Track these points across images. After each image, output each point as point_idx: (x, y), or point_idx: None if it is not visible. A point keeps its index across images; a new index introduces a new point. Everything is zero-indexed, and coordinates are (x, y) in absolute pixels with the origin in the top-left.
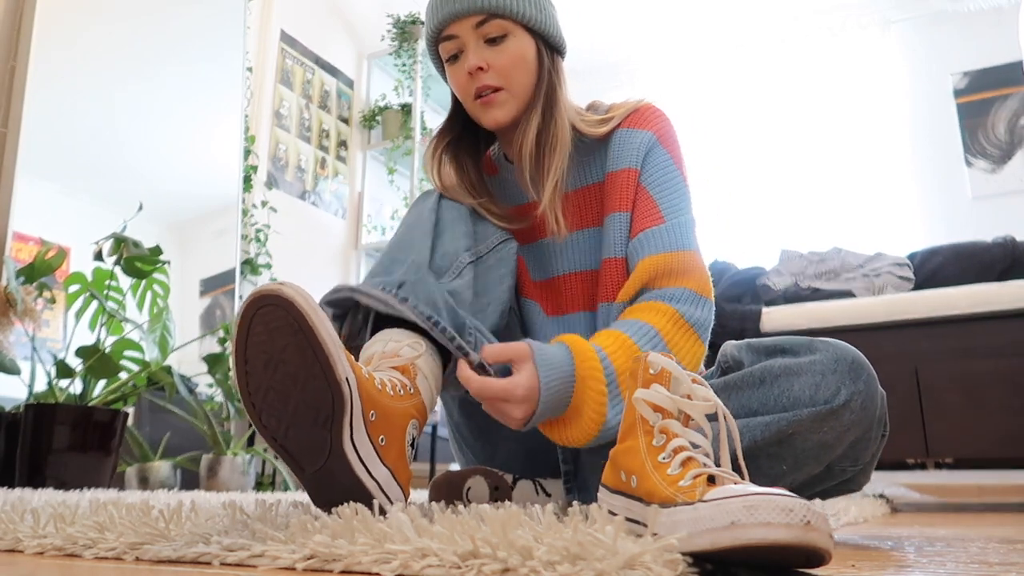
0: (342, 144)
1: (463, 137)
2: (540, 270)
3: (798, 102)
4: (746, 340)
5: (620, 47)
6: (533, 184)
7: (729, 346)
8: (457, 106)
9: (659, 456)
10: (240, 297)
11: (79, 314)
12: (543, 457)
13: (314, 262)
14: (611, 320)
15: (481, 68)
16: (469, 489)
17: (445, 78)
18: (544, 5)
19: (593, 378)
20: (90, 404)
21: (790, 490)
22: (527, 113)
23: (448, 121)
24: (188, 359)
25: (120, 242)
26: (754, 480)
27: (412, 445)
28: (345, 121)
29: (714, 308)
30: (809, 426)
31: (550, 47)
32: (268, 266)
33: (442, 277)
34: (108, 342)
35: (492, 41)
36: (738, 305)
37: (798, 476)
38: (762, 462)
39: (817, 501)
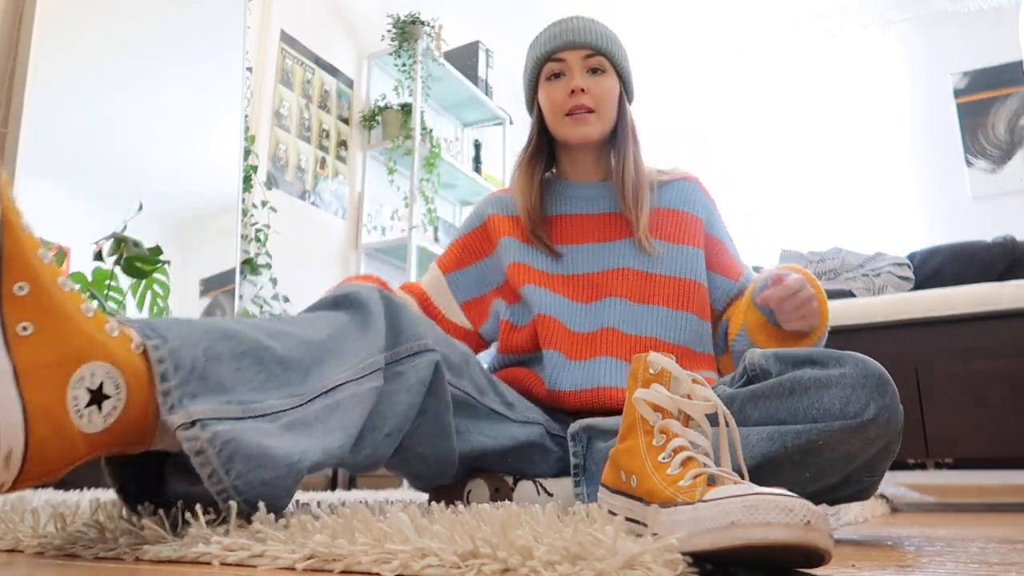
0: (342, 144)
1: (543, 157)
2: (575, 266)
3: (798, 103)
4: (772, 350)
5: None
6: (633, 207)
7: (755, 355)
8: (540, 132)
9: (659, 456)
10: (240, 297)
11: None
12: (541, 457)
13: (314, 262)
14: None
15: (583, 90)
16: (470, 492)
17: (532, 97)
18: (630, 64)
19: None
20: None
21: (802, 496)
22: (621, 143)
23: (536, 145)
24: None
25: (120, 242)
26: (772, 485)
27: (97, 400)
28: (345, 121)
29: None
30: (839, 438)
31: (628, 95)
32: (268, 266)
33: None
34: None
35: (593, 72)
36: None
37: (818, 485)
38: (786, 468)
39: (823, 505)
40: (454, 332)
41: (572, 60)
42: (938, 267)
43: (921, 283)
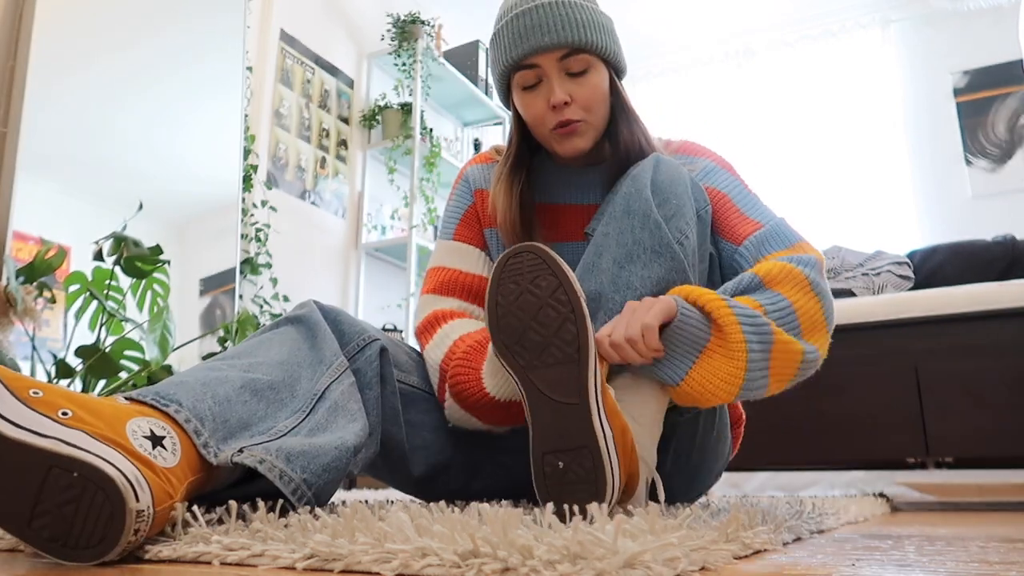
0: (342, 144)
1: (524, 167)
2: None
3: (798, 102)
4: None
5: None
6: None
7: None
8: (521, 136)
9: None
10: (240, 297)
11: (79, 314)
12: (528, 488)
13: (314, 262)
14: None
15: (566, 103)
16: None
17: (507, 102)
18: (615, 33)
19: (711, 299)
20: None
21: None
22: (615, 128)
23: (516, 153)
24: (188, 359)
25: (120, 242)
26: None
27: (157, 442)
28: (345, 121)
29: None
30: None
31: (619, 73)
32: (268, 265)
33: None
34: (108, 342)
35: (573, 74)
36: None
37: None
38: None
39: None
40: None
41: (547, 65)
42: (938, 266)
43: (921, 282)
